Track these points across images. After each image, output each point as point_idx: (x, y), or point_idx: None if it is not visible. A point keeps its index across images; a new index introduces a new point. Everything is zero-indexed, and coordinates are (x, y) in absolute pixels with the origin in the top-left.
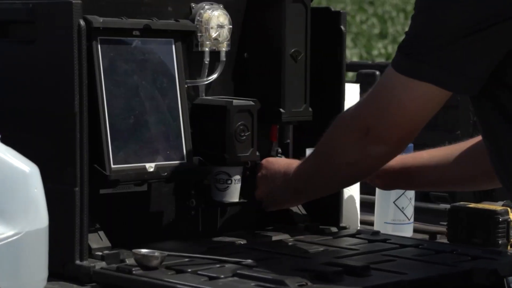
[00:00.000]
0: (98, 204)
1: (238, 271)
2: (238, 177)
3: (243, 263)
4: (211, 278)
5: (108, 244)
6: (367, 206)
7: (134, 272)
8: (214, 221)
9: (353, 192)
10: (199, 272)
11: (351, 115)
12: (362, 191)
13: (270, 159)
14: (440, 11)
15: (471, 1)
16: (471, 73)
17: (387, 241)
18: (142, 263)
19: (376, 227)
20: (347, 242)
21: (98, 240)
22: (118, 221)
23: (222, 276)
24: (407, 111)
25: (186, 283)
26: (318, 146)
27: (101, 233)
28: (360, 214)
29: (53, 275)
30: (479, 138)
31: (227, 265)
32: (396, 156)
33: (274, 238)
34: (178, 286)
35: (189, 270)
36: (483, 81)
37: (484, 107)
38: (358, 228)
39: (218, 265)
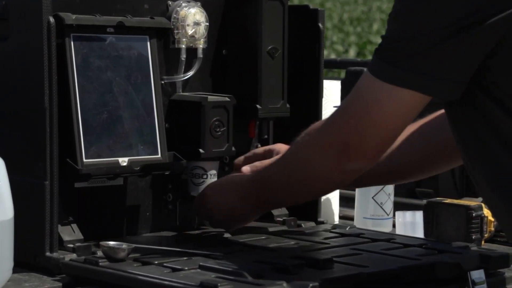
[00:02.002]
0: (73, 198)
1: (202, 263)
2: (214, 172)
3: (210, 255)
4: (174, 270)
5: (80, 236)
6: (348, 201)
7: (100, 263)
8: (191, 215)
9: None
10: (164, 264)
11: (326, 130)
12: None
13: (208, 185)
14: (416, 15)
15: (447, 5)
16: (452, 77)
17: (360, 235)
18: (109, 255)
19: (355, 222)
20: (321, 236)
21: (70, 233)
22: (95, 214)
23: (186, 268)
24: (388, 122)
25: (147, 274)
26: (287, 159)
27: (74, 226)
28: (341, 209)
29: (25, 267)
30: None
31: (194, 258)
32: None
33: (249, 232)
34: (139, 277)
35: (156, 262)
36: (465, 84)
37: (460, 112)
38: (336, 223)
39: (186, 258)
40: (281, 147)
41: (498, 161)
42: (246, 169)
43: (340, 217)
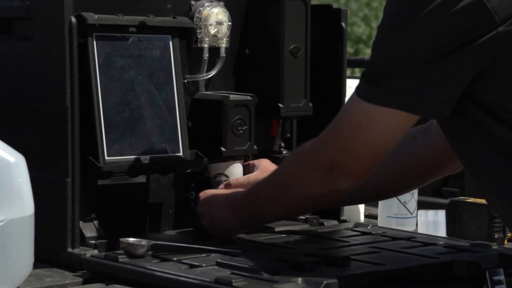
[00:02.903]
0: (96, 195)
1: (219, 260)
2: (238, 177)
3: (228, 253)
4: (191, 266)
5: (102, 233)
6: None
7: (120, 259)
8: None
9: None
10: (183, 260)
11: (315, 150)
12: None
13: (208, 191)
14: (403, 37)
15: (434, 27)
16: (440, 96)
17: (382, 234)
18: (129, 251)
19: (379, 221)
20: (342, 234)
21: (92, 229)
22: (117, 212)
23: (204, 265)
24: (375, 142)
25: (165, 270)
26: (276, 177)
27: (96, 222)
28: (366, 208)
29: (48, 262)
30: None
31: (213, 255)
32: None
33: (269, 231)
34: (156, 273)
35: (174, 258)
36: (453, 104)
37: (454, 123)
38: (361, 221)
39: (204, 255)
40: (265, 163)
41: (497, 169)
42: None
43: (365, 216)
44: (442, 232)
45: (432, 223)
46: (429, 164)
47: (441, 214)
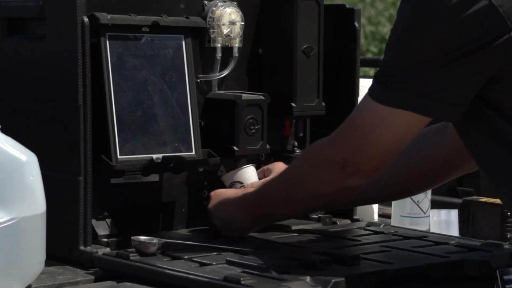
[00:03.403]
0: (109, 194)
1: (229, 259)
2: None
3: (240, 251)
4: (202, 265)
5: (115, 231)
6: None
7: (131, 257)
8: None
9: None
10: (194, 259)
11: (327, 148)
12: None
13: (219, 190)
14: (416, 40)
15: (447, 30)
16: (453, 99)
17: (394, 233)
18: (140, 249)
19: (393, 220)
20: (353, 233)
21: (105, 228)
22: (130, 210)
23: (214, 263)
24: (387, 143)
25: (174, 268)
26: (287, 175)
27: (109, 220)
28: (380, 207)
29: (60, 260)
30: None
31: (224, 253)
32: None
33: (282, 230)
34: (166, 271)
35: (185, 257)
36: (466, 107)
37: (467, 123)
38: (375, 221)
39: (215, 253)
40: (280, 166)
41: (511, 171)
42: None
43: (379, 215)
44: (454, 231)
45: (445, 222)
46: (444, 164)
47: (454, 214)
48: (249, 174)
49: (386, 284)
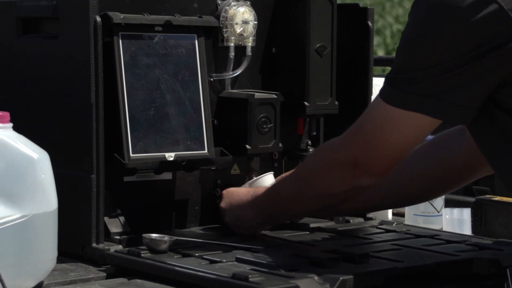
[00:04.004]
0: (122, 192)
1: (239, 256)
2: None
3: (250, 249)
4: (212, 262)
5: (127, 229)
6: None
7: (142, 255)
8: None
9: None
10: (204, 256)
11: (338, 148)
12: None
13: (231, 189)
14: (428, 43)
15: (457, 34)
16: (462, 102)
17: (406, 231)
18: (151, 246)
19: (406, 219)
20: (365, 232)
21: (118, 225)
22: (143, 208)
23: (224, 261)
24: (397, 143)
25: (184, 266)
26: (298, 174)
27: (122, 218)
28: None
29: (73, 257)
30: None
31: (234, 251)
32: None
33: (295, 228)
34: (176, 268)
35: (196, 254)
36: (475, 109)
37: (480, 126)
38: (389, 219)
39: (226, 251)
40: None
41: None
42: None
43: (394, 214)
44: (467, 230)
45: (457, 221)
46: (463, 167)
47: (466, 212)
48: (269, 183)
49: (395, 282)
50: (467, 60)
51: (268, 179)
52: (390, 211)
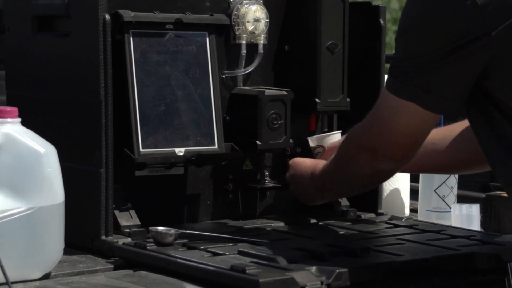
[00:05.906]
0: (134, 186)
1: (241, 249)
2: None
3: (255, 242)
4: (214, 254)
5: (137, 222)
6: (417, 194)
7: (148, 247)
8: (253, 205)
9: (402, 180)
10: (208, 249)
11: (359, 133)
12: (412, 179)
13: (297, 159)
14: (416, 34)
15: (443, 26)
16: (450, 94)
17: (413, 226)
18: (157, 239)
19: (419, 215)
20: (373, 226)
21: (128, 218)
22: (155, 202)
23: (227, 253)
24: (405, 131)
25: (186, 258)
26: (336, 156)
27: (132, 212)
28: (411, 202)
29: (83, 249)
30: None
31: (239, 244)
32: (404, 167)
33: (304, 222)
34: (178, 260)
35: (201, 247)
36: (463, 101)
37: (477, 123)
38: (405, 215)
39: (231, 244)
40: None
41: (504, 165)
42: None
43: (411, 210)
44: (476, 226)
45: (466, 216)
46: None
47: (475, 208)
48: (335, 141)
49: (395, 275)
50: (447, 53)
51: (334, 138)
52: (407, 207)
